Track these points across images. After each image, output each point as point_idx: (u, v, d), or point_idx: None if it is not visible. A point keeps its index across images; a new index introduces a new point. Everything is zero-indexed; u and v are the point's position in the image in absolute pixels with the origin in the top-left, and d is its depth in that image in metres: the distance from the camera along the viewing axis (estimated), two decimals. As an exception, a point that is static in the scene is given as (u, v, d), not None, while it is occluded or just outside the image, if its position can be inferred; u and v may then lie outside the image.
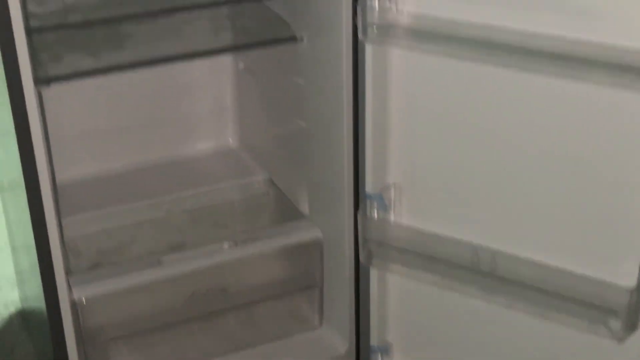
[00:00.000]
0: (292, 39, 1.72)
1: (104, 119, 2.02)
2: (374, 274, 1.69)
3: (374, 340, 1.75)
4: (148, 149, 2.08)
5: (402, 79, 1.54)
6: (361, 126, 1.61)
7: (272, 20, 1.79)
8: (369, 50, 1.52)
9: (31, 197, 1.51)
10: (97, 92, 1.97)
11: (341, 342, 1.82)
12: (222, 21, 1.84)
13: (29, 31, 1.48)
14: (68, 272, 1.60)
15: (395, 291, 1.71)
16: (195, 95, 2.12)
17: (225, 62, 2.09)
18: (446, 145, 1.53)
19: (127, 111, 2.05)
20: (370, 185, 1.63)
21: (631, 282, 1.37)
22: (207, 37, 1.79)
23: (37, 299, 1.68)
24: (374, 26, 1.47)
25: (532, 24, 1.35)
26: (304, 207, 1.87)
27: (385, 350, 1.76)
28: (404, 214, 1.63)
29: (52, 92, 1.64)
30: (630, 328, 1.39)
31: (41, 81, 1.53)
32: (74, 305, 1.61)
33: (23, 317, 2.08)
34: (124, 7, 1.71)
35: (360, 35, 1.49)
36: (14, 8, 1.37)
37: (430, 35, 1.42)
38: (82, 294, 1.62)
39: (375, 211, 1.62)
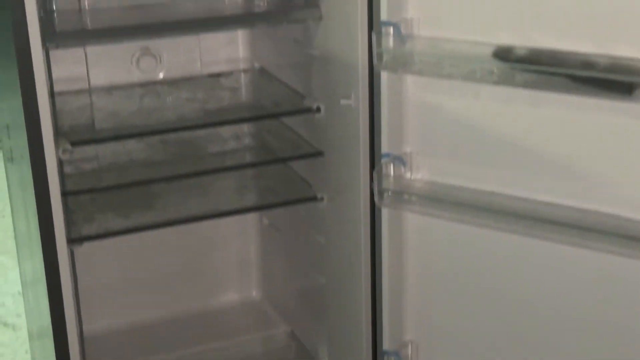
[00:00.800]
0: (313, 199, 1.80)
1: (133, 271, 2.10)
2: None
3: None
4: (174, 301, 2.14)
5: (416, 239, 1.60)
6: (378, 284, 1.66)
7: (294, 180, 1.88)
8: (385, 213, 1.60)
9: (58, 348, 1.57)
10: (127, 246, 2.05)
11: None
12: (247, 181, 1.93)
13: (65, 193, 1.58)
14: None
15: None
16: (222, 249, 2.19)
17: (251, 219, 2.17)
18: (460, 304, 1.58)
19: (154, 264, 2.12)
20: (387, 342, 1.67)
21: None
22: (233, 197, 1.88)
23: None
24: (389, 192, 1.55)
25: (540, 192, 1.42)
26: (324, 361, 1.91)
27: None
28: (421, 371, 1.66)
29: (84, 246, 1.73)
30: None
31: (74, 241, 1.61)
32: None
33: None
34: (154, 170, 1.81)
35: (376, 200, 1.57)
36: (51, 175, 1.47)
37: (443, 202, 1.50)
38: None
39: (393, 368, 1.66)
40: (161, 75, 1.99)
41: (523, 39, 1.37)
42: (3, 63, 1.58)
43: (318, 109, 1.74)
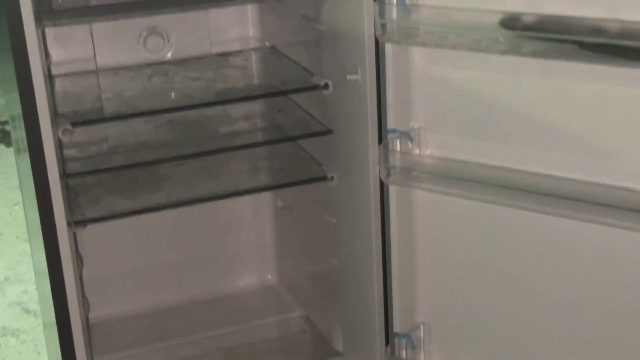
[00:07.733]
0: (323, 178, 1.75)
1: (143, 256, 2.06)
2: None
3: None
4: (188, 286, 2.11)
5: (426, 217, 1.55)
6: (389, 265, 1.61)
7: (305, 160, 1.84)
8: (393, 191, 1.55)
9: (62, 337, 1.54)
10: (136, 230, 2.02)
11: None
12: (257, 162, 1.89)
13: (67, 175, 1.55)
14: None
15: None
16: (237, 232, 2.15)
17: (265, 201, 2.13)
18: (472, 284, 1.53)
19: (167, 248, 2.08)
20: (398, 324, 1.62)
21: None
22: (242, 178, 1.84)
23: None
24: (397, 169, 1.50)
25: (550, 166, 1.36)
26: (339, 345, 1.87)
27: None
28: (434, 353, 1.62)
29: (99, 231, 1.70)
30: None
31: (78, 223, 1.58)
32: None
33: None
34: (163, 151, 1.77)
35: (382, 177, 1.52)
36: (49, 155, 1.44)
37: (451, 179, 1.44)
38: None
39: (404, 351, 1.61)
40: (169, 55, 1.96)
41: (530, 6, 1.31)
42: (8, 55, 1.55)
43: (326, 86, 1.70)
